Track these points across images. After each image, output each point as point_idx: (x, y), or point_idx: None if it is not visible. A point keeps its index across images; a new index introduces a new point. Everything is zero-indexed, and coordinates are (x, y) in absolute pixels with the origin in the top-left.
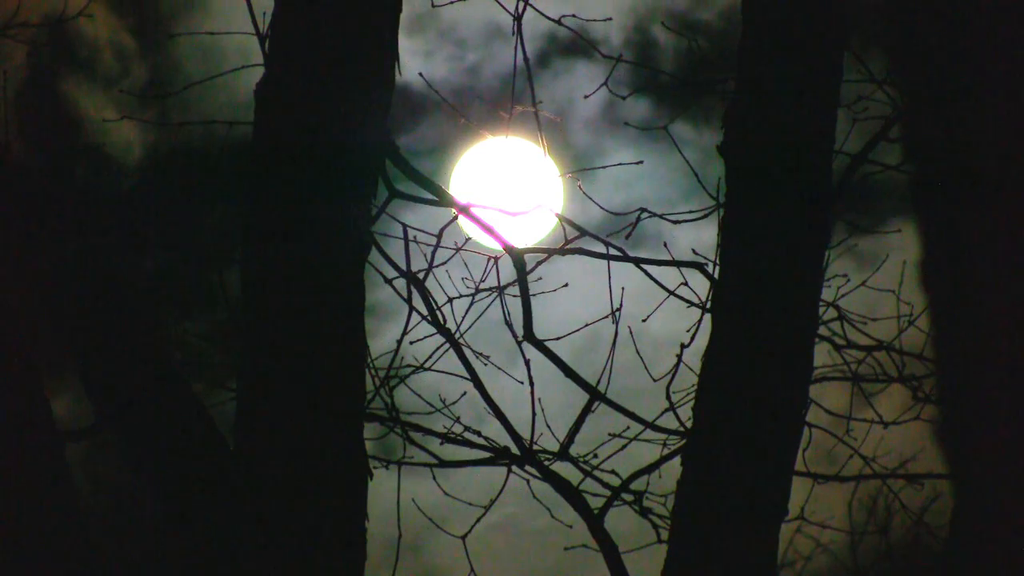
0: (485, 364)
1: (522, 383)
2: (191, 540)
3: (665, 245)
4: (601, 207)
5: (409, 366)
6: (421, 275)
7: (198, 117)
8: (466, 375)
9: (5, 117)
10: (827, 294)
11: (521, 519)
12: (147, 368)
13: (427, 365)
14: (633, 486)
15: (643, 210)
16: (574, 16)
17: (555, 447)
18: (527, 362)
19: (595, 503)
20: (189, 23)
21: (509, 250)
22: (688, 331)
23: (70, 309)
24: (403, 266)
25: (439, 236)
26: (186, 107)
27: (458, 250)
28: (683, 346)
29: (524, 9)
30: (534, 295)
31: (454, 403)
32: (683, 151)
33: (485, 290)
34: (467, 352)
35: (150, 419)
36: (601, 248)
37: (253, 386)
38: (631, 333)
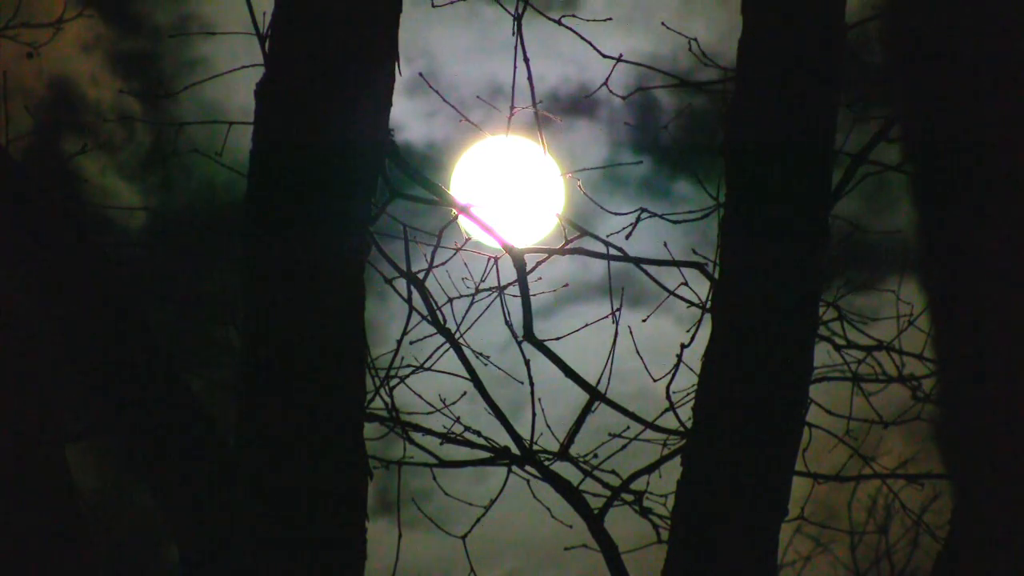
0: (485, 364)
1: (522, 383)
2: (191, 540)
3: (665, 245)
4: (601, 207)
5: (409, 366)
6: (421, 275)
7: (198, 173)
8: (466, 375)
9: (5, 117)
10: (827, 294)
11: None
12: (147, 368)
13: (427, 365)
14: (633, 486)
15: (643, 210)
16: (574, 16)
17: (555, 447)
18: (527, 362)
19: (595, 503)
20: (192, 79)
21: (509, 250)
22: (688, 331)
23: (70, 308)
24: (403, 266)
25: (439, 236)
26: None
27: (458, 250)
28: (683, 346)
29: (524, 9)
30: (534, 295)
31: (454, 403)
32: (681, 211)
33: (485, 290)
34: (467, 352)
35: (150, 419)
36: (601, 248)
37: (253, 386)
38: (631, 333)
